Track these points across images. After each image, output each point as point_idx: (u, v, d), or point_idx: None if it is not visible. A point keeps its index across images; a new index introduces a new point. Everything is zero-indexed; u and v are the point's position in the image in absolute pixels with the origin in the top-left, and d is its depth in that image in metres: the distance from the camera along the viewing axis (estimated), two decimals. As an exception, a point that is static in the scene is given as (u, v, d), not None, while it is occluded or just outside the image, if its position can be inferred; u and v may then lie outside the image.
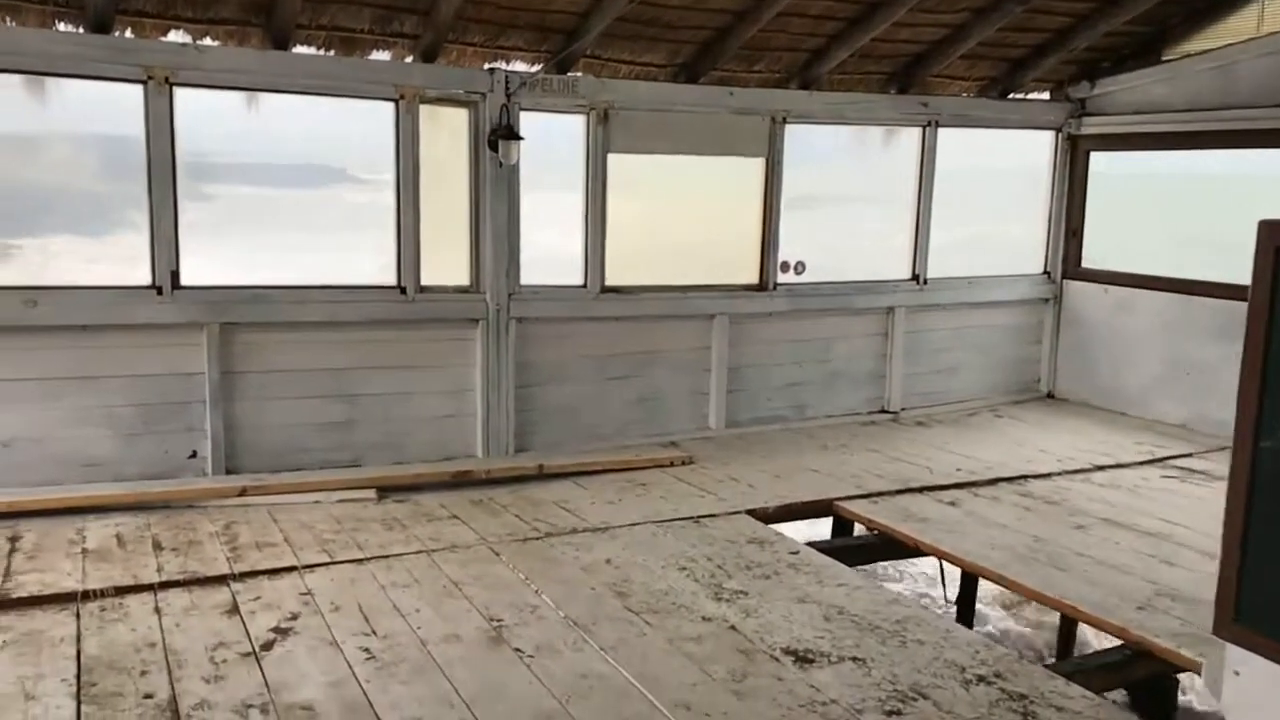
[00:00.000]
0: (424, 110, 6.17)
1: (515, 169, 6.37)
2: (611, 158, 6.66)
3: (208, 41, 5.68)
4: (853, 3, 6.59)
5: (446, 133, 6.32)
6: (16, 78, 5.30)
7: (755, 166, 7.17)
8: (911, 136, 7.73)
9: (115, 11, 5.38)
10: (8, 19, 5.29)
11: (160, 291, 5.60)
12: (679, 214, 7.12)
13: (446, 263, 6.42)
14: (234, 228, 6.07)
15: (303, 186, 6.47)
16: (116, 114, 5.52)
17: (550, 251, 6.79)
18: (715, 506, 5.55)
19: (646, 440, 6.90)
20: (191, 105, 5.58)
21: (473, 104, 6.29)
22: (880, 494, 5.80)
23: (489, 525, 5.20)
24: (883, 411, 7.85)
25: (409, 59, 6.20)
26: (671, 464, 6.37)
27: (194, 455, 5.81)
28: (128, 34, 5.51)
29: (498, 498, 5.70)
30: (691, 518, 5.34)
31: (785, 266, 7.32)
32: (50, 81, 5.39)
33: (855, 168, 7.91)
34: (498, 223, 6.37)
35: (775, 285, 7.31)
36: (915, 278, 7.84)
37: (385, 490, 5.73)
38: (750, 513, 5.45)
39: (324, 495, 5.59)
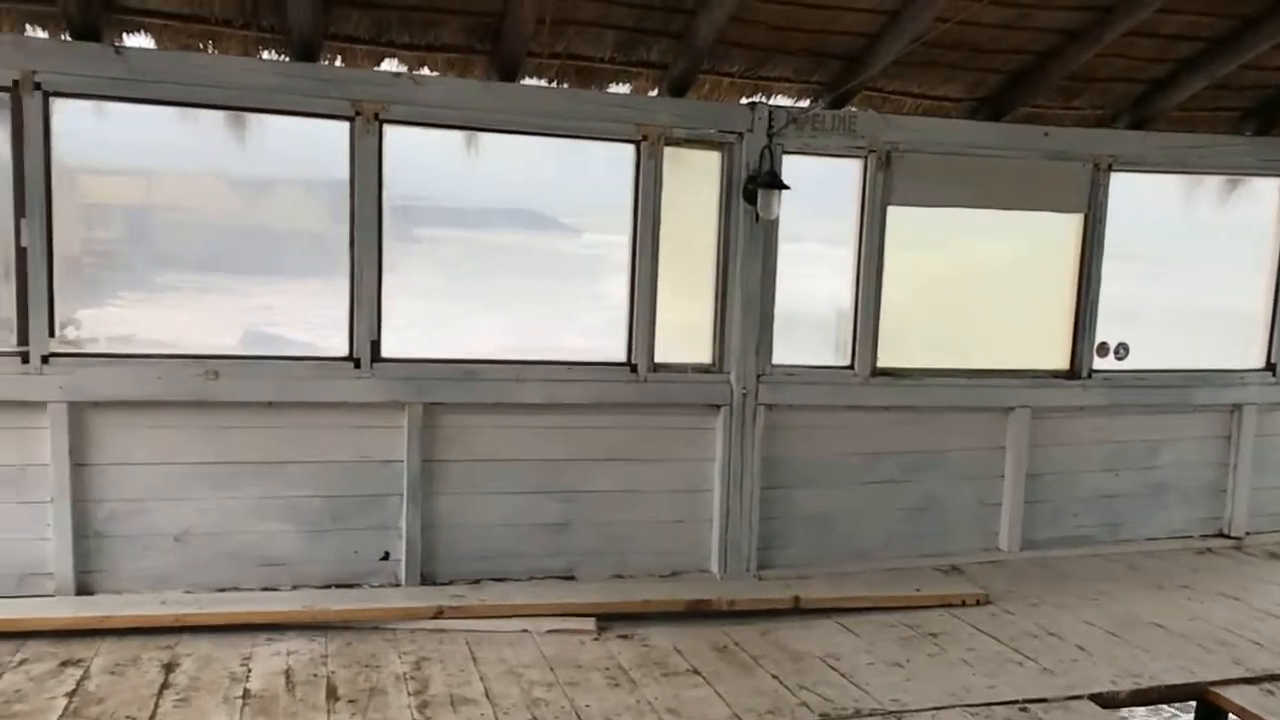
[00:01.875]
0: (668, 153, 5.11)
1: (774, 224, 5.22)
2: (892, 210, 5.40)
3: (425, 71, 4.84)
4: (1224, 17, 5.11)
5: (693, 180, 5.24)
6: (219, 114, 4.59)
7: (1069, 224, 5.74)
8: (1268, 189, 6.10)
9: (323, 37, 4.60)
10: (210, 46, 4.60)
11: (358, 364, 4.74)
12: (970, 280, 5.76)
13: (685, 335, 5.32)
14: (438, 287, 5.18)
15: (516, 238, 5.54)
16: (319, 154, 4.74)
17: (804, 321, 5.57)
18: (1042, 682, 4.12)
19: (920, 562, 5.54)
20: (399, 144, 4.73)
21: (727, 146, 5.19)
22: (1272, 677, 4.22)
23: (741, 690, 3.98)
24: (1221, 536, 6.17)
25: (653, 92, 5.18)
26: (963, 603, 4.98)
27: (386, 557, 4.90)
28: (336, 63, 4.73)
29: (745, 642, 4.47)
30: (1015, 702, 3.94)
31: (1103, 349, 5.83)
32: (251, 118, 4.66)
33: (1181, 227, 6.30)
34: (749, 288, 5.22)
35: (1090, 373, 5.82)
36: (1270, 367, 6.16)
37: (606, 619, 4.62)
38: (1094, 698, 4.00)
39: (533, 623, 4.54)
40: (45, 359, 4.38)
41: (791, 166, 5.19)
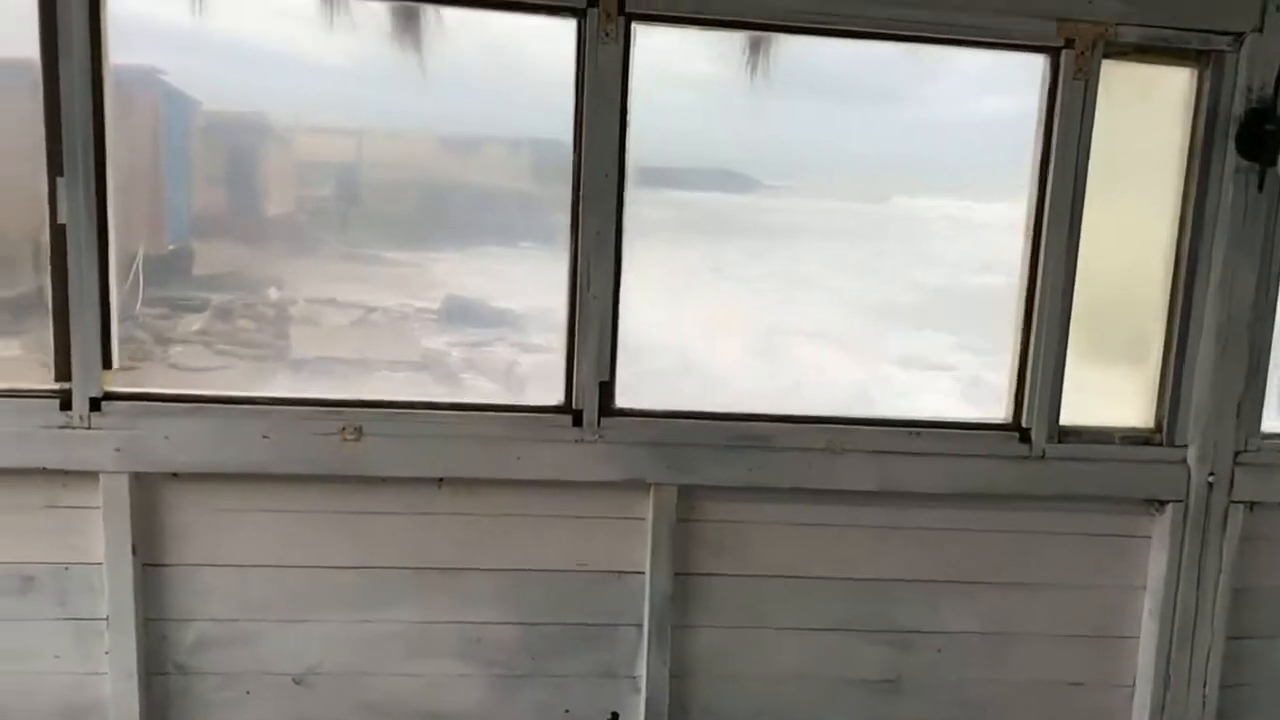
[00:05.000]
0: (1107, 70, 2.96)
1: (1287, 197, 2.99)
2: None
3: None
4: None
5: (1137, 116, 3.07)
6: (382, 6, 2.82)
7: None
8: None
9: None
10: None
11: (579, 420, 2.89)
12: None
13: (1103, 379, 3.20)
14: (690, 290, 3.25)
15: (809, 206, 3.49)
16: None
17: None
18: None
19: None
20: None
21: (1209, 59, 2.98)
22: None
23: None
24: None
25: (1083, -33, 3.02)
26: None
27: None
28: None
29: None
30: None
31: None
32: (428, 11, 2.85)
33: None
34: (1231, 305, 3.03)
35: None
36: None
37: None
38: None
39: None
40: (95, 404, 2.75)
41: (1313, 96, 2.94)
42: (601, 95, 2.77)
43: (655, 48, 2.85)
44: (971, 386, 3.19)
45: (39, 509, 2.79)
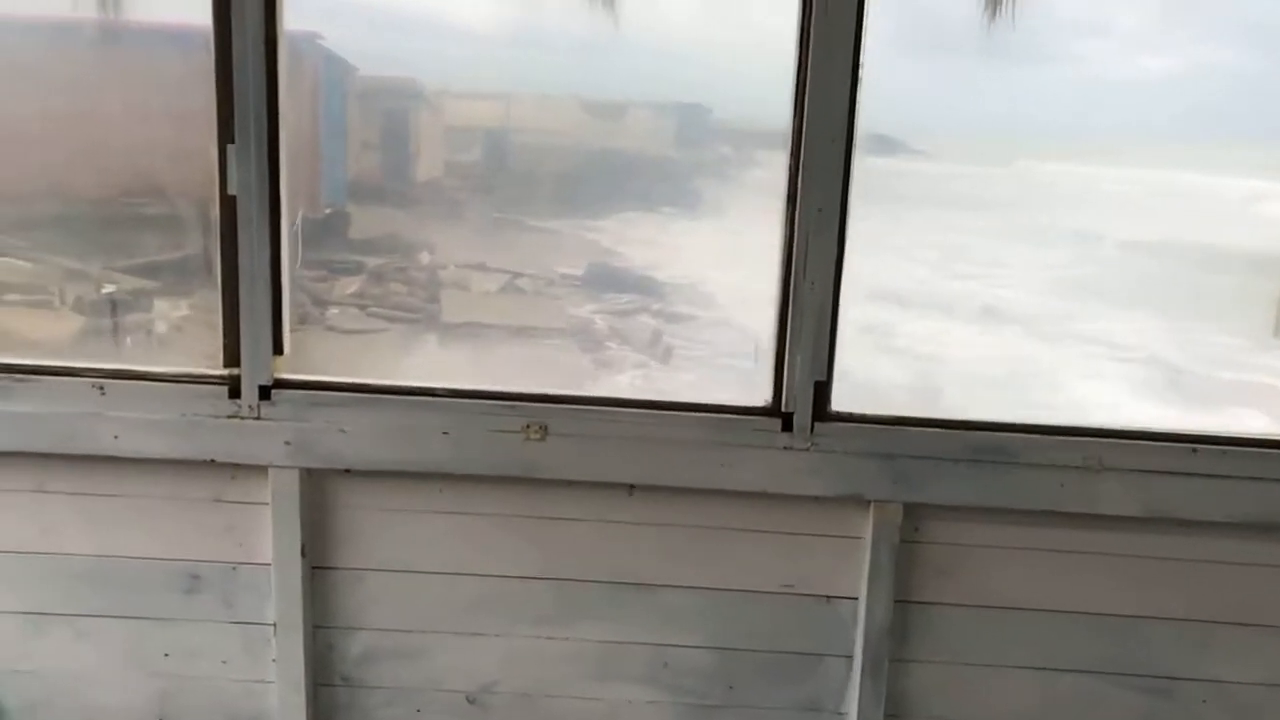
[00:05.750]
0: None
1: None
2: None
3: None
4: None
5: None
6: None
7: None
8: None
9: None
10: None
11: (788, 424, 2.52)
12: None
13: None
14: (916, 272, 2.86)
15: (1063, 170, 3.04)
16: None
17: None
18: None
19: None
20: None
21: None
22: None
23: None
24: None
25: None
26: None
27: (815, 761, 2.73)
28: None
29: None
30: None
31: None
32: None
33: None
34: None
35: None
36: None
37: None
38: None
39: None
40: (265, 392, 2.53)
41: None
42: (830, 49, 2.37)
43: None
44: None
45: (207, 502, 2.60)
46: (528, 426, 2.51)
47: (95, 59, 2.86)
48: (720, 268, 3.31)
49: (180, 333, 2.90)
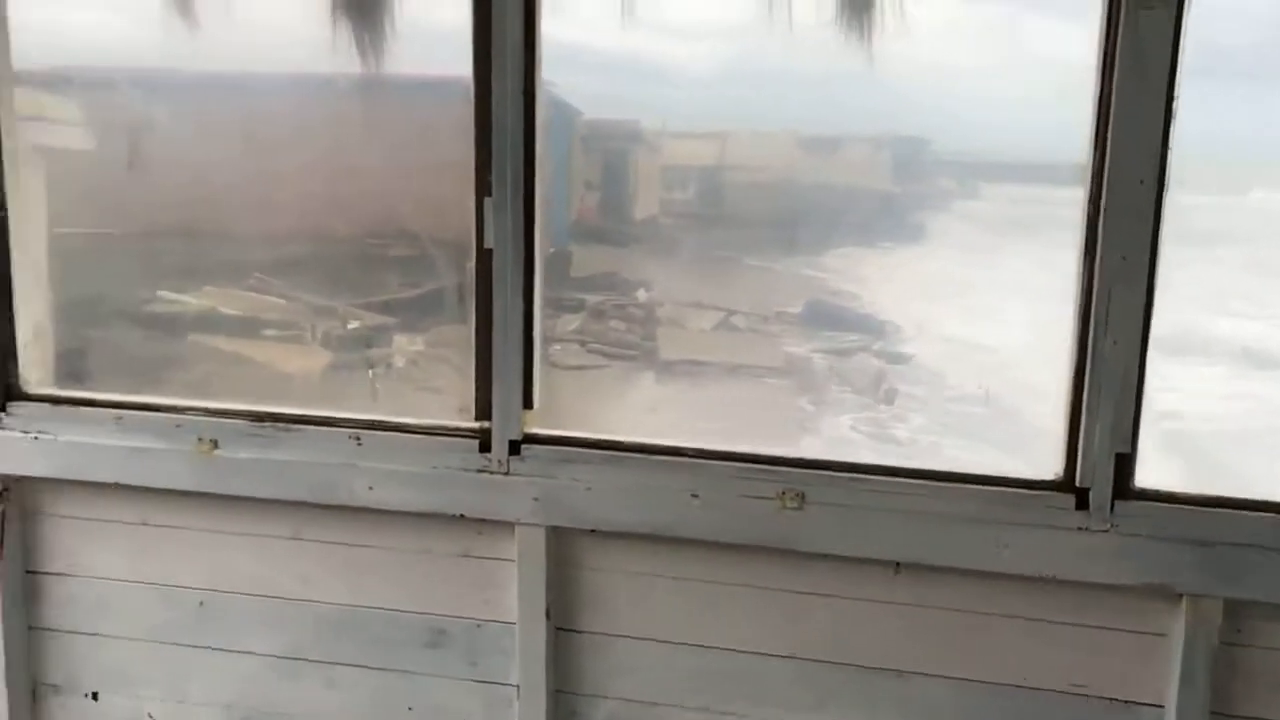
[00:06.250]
0: None
1: None
2: None
3: None
4: None
5: None
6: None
7: None
8: None
9: None
10: None
11: (1084, 501, 2.21)
12: None
13: None
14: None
15: None
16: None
17: None
18: None
19: None
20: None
21: None
22: None
23: None
24: None
25: None
26: None
27: None
28: None
29: None
30: None
31: None
32: None
33: None
34: None
35: None
36: None
37: None
38: None
39: None
40: (515, 447, 2.47)
41: None
42: (1139, 77, 2.08)
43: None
44: None
45: (454, 557, 2.57)
46: (783, 493, 2.33)
47: (355, 110, 2.94)
48: (944, 305, 3.08)
49: (416, 366, 2.94)
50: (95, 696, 2.76)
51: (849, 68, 2.67)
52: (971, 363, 2.90)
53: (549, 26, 2.41)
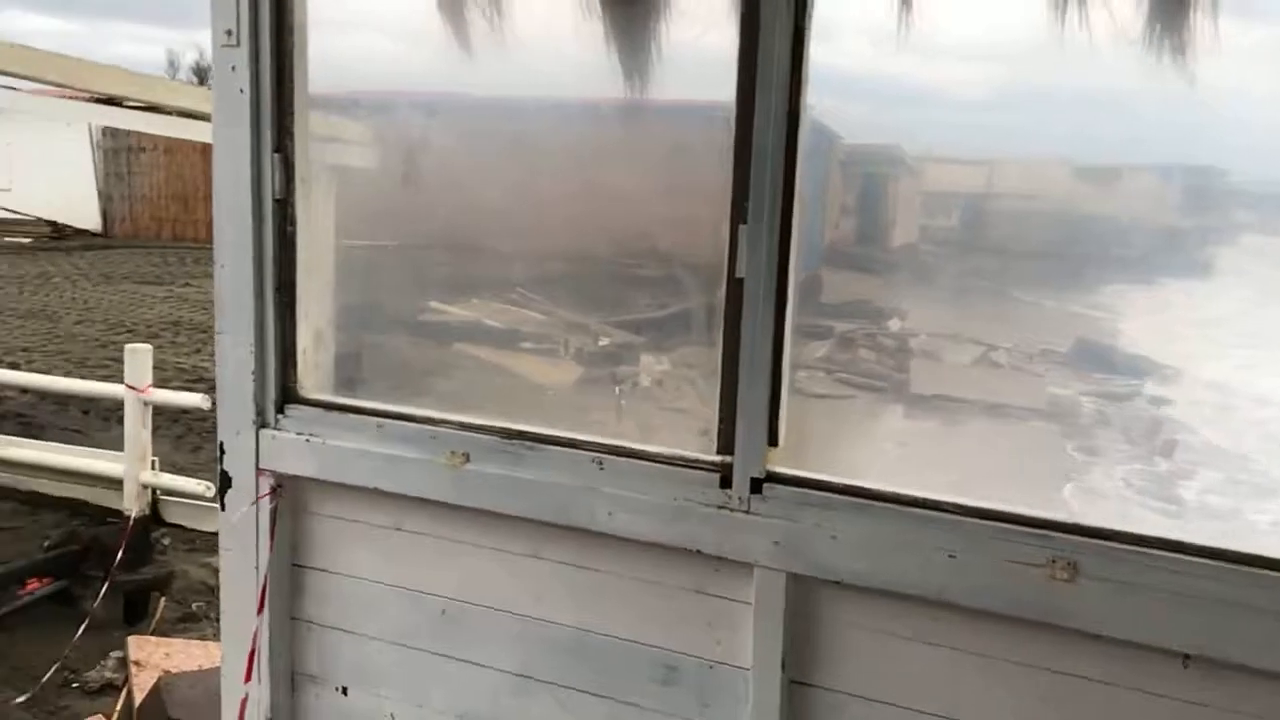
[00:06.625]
0: None
1: None
2: None
3: None
4: None
5: None
6: None
7: None
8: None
9: None
10: None
11: None
12: None
13: None
14: None
15: None
16: None
17: None
18: None
19: None
20: None
21: None
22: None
23: None
24: None
25: None
26: None
27: None
28: None
29: None
30: None
31: None
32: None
33: None
34: None
35: None
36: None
37: None
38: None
39: None
40: (757, 485, 2.37)
41: None
42: None
43: None
44: None
45: (689, 592, 2.50)
46: (1053, 562, 2.10)
47: (617, 134, 2.96)
48: (1233, 352, 2.70)
49: (661, 386, 2.91)
50: (345, 691, 2.89)
51: (1139, 90, 2.43)
52: (1262, 420, 2.57)
53: (815, 49, 2.31)
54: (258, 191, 2.77)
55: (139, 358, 6.79)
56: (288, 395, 2.87)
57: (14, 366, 12.15)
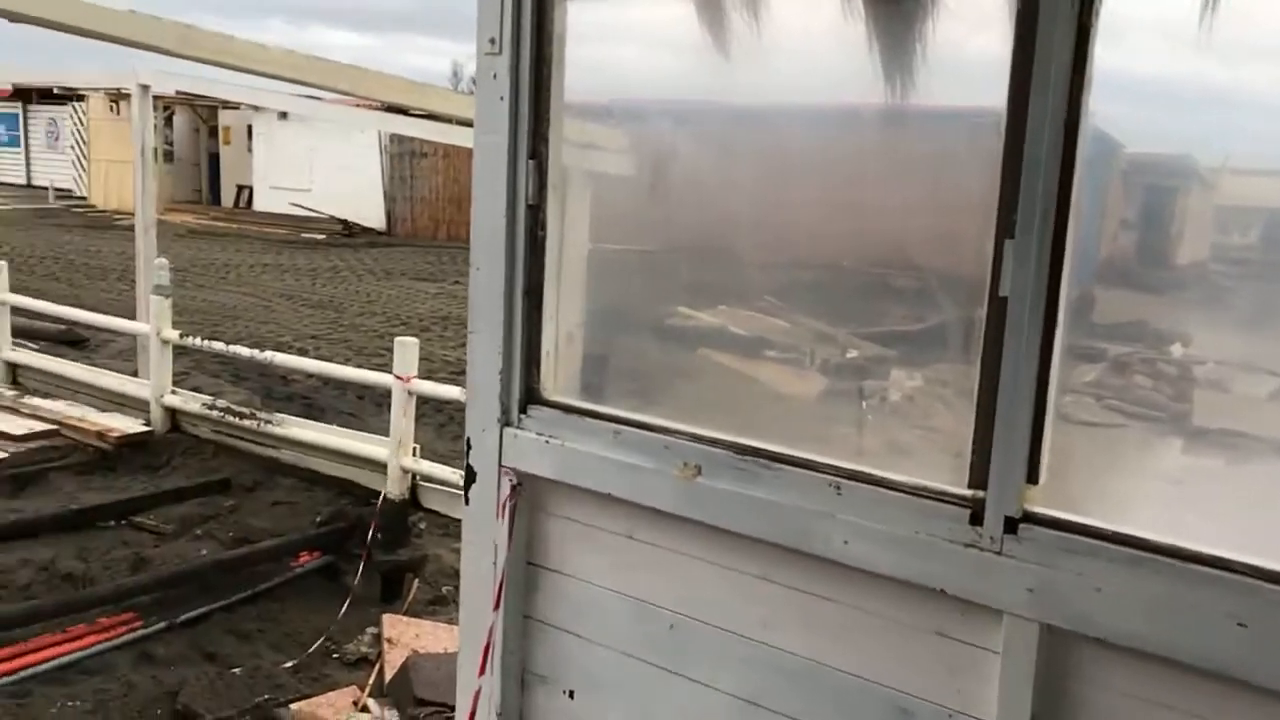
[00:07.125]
0: None
1: None
2: None
3: None
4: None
5: None
6: None
7: None
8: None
9: None
10: None
11: None
12: None
13: None
14: None
15: None
16: None
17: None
18: None
19: None
20: None
21: None
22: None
23: None
24: None
25: None
26: None
27: None
28: None
29: None
30: None
31: None
32: None
33: None
34: None
35: None
36: None
37: None
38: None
39: None
40: (1011, 525, 2.16)
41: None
42: None
43: None
44: None
45: (928, 634, 2.32)
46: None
47: (874, 141, 2.83)
48: None
49: (911, 402, 2.74)
50: (571, 695, 2.91)
51: None
52: None
53: (1101, 50, 2.09)
54: (512, 196, 2.83)
55: (407, 350, 7.25)
56: (531, 396, 2.92)
57: (302, 352, 13.37)
